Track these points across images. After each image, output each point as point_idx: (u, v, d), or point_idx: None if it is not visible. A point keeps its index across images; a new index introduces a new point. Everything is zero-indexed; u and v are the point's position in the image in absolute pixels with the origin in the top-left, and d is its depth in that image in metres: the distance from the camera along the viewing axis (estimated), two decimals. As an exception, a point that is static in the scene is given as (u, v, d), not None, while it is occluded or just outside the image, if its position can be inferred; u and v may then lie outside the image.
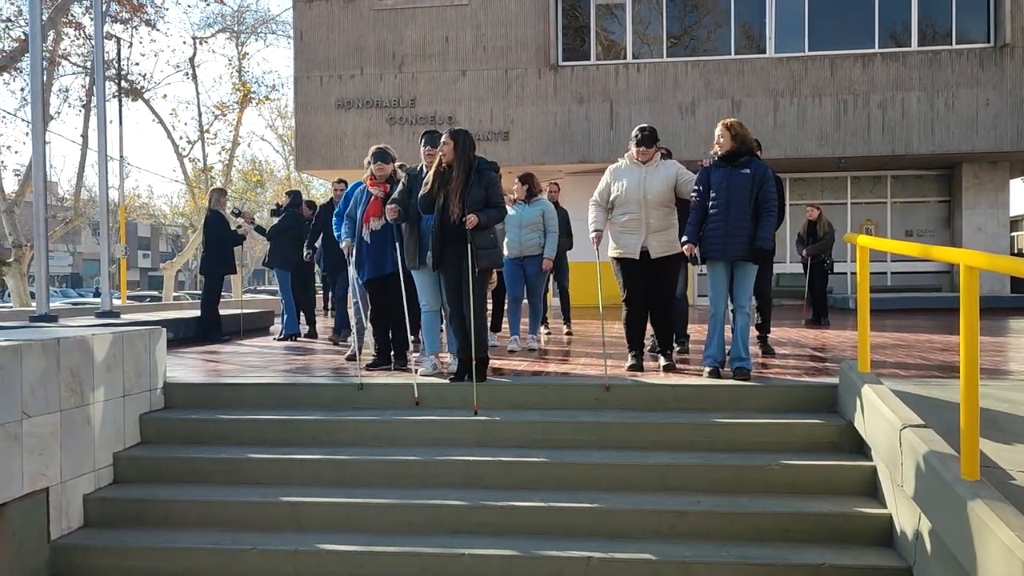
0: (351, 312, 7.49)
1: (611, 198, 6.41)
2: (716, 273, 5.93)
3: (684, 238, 5.95)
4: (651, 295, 6.39)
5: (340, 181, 9.74)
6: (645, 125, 6.42)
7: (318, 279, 13.67)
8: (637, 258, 6.29)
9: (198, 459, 5.34)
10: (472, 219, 5.78)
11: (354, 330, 7.37)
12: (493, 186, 5.98)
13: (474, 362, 5.81)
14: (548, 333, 9.86)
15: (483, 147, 16.44)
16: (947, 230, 18.20)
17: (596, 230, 6.38)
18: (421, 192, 6.02)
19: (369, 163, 7.60)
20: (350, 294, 7.56)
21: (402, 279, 6.52)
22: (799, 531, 4.50)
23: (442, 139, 6.00)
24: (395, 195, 6.36)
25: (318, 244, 10.04)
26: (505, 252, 8.28)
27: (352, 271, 7.24)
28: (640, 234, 6.28)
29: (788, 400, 5.55)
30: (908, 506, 4.14)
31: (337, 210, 7.66)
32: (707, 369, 5.90)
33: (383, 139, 16.54)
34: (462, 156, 5.90)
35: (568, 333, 9.85)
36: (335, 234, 7.64)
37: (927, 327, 11.19)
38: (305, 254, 9.97)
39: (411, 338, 7.92)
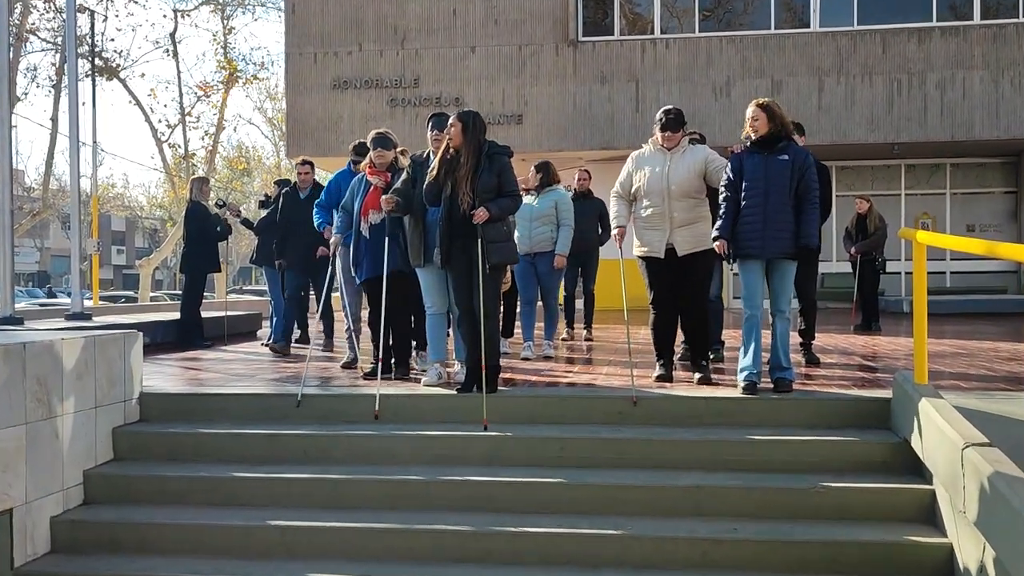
0: (343, 314, 7.49)
1: (633, 189, 6.36)
2: (751, 273, 5.84)
3: (715, 233, 5.88)
4: (680, 297, 6.31)
5: (305, 163, 9.72)
6: (670, 107, 6.35)
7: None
8: (662, 256, 6.22)
9: (177, 478, 5.34)
10: (481, 213, 5.77)
11: (348, 335, 7.38)
12: (506, 172, 5.97)
13: (484, 371, 5.79)
14: (569, 339, 9.82)
15: (493, 131, 16.40)
16: (1014, 224, 18.07)
17: (618, 226, 6.34)
18: (426, 181, 6.01)
19: (353, 149, 7.61)
20: (340, 295, 7.54)
21: (382, 279, 6.51)
22: (847, 562, 4.45)
23: (449, 122, 5.99)
24: (397, 184, 6.35)
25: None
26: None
27: (339, 268, 7.23)
28: (664, 229, 6.20)
29: (835, 415, 5.50)
30: (971, 535, 4.09)
31: (319, 200, 7.67)
32: (742, 384, 5.76)
33: (383, 123, 16.55)
34: (472, 140, 5.89)
35: (588, 339, 9.82)
36: (316, 223, 7.65)
37: (991, 333, 11.11)
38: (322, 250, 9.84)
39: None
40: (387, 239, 6.43)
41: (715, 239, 5.87)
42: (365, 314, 7.55)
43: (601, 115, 16.69)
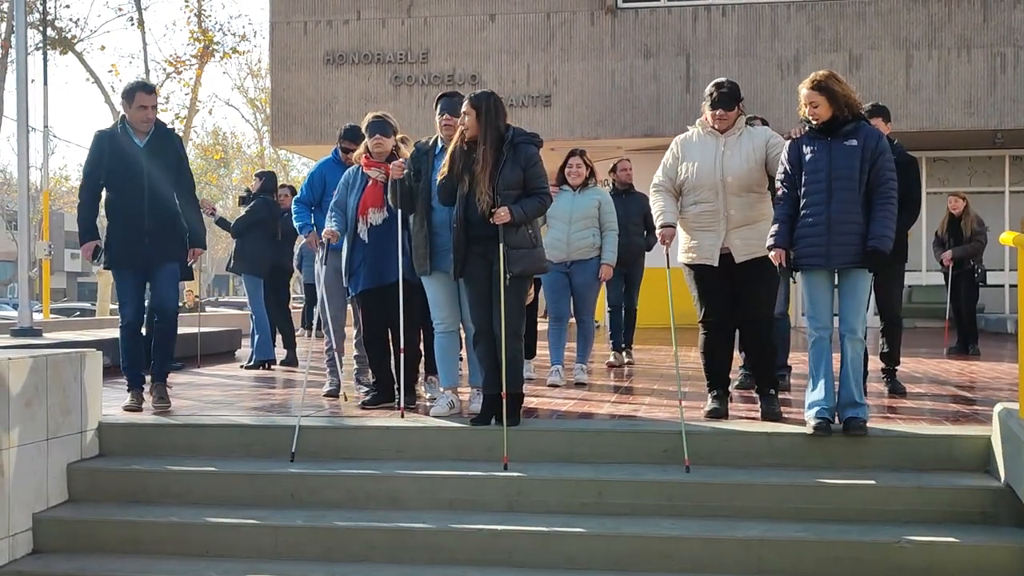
0: (326, 331, 7.53)
1: (679, 181, 6.24)
2: (817, 287, 5.76)
3: (770, 241, 5.79)
4: (741, 314, 6.21)
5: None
6: (722, 79, 6.26)
7: (300, 287, 13.77)
8: (716, 263, 6.10)
9: (141, 523, 5.38)
10: (502, 214, 5.80)
11: (329, 357, 7.40)
12: (533, 165, 5.99)
13: (504, 399, 5.82)
14: (618, 364, 9.80)
15: (516, 116, 16.48)
16: None
17: (665, 225, 6.15)
18: (439, 178, 6.04)
19: (342, 134, 7.65)
20: (322, 309, 7.57)
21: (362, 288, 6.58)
22: (938, 631, 4.45)
23: (461, 107, 6.03)
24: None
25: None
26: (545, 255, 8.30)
27: (320, 274, 7.27)
28: (718, 231, 6.08)
29: (923, 455, 5.48)
30: (1086, 600, 4.07)
31: (299, 196, 7.72)
32: (812, 423, 5.63)
33: (385, 104, 16.64)
34: (489, 127, 5.92)
35: (628, 362, 9.82)
36: (296, 225, 7.70)
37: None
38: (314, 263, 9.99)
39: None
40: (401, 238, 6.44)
41: (770, 248, 5.79)
42: (349, 332, 7.60)
43: (644, 96, 16.70)
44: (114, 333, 11.71)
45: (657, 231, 6.22)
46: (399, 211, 6.43)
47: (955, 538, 4.83)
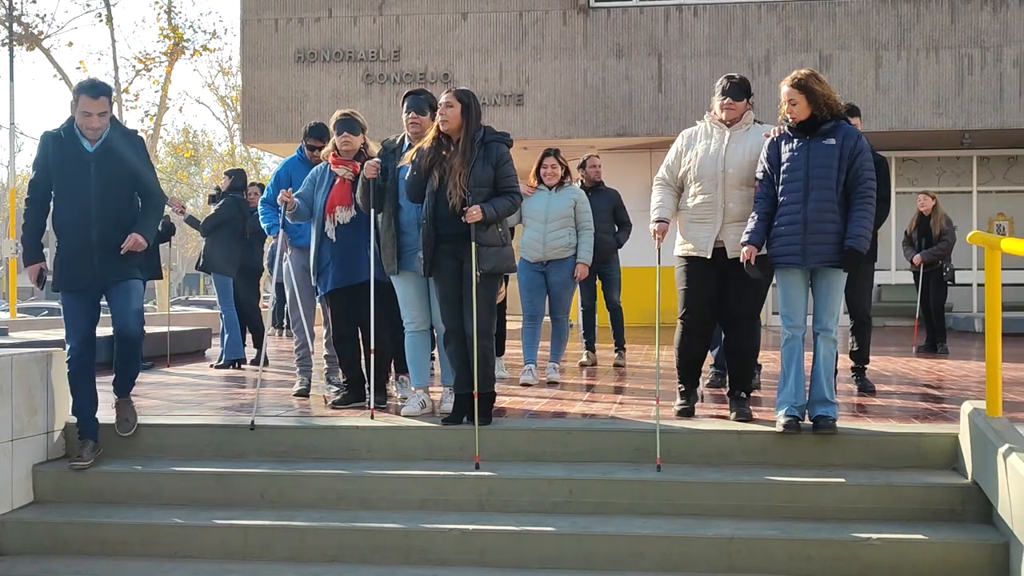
0: (296, 330, 7.50)
1: (680, 173, 6.16)
2: (792, 285, 5.79)
3: (745, 237, 5.77)
4: (725, 311, 6.15)
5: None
6: (735, 74, 6.24)
7: (271, 287, 13.71)
8: (708, 256, 6.04)
9: (108, 524, 5.34)
10: (474, 212, 5.79)
11: (299, 356, 7.38)
12: (504, 164, 5.99)
13: (476, 399, 5.81)
14: (591, 364, 9.75)
15: (488, 114, 16.46)
16: (1106, 228, 18.14)
17: (658, 219, 6.07)
18: (409, 174, 6.03)
19: (307, 132, 7.61)
20: (295, 308, 7.54)
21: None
22: (907, 629, 4.48)
23: (443, 100, 5.98)
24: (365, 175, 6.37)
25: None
26: (521, 254, 8.29)
27: (286, 274, 7.24)
28: (714, 223, 6.01)
29: (892, 454, 5.52)
30: (1053, 597, 4.11)
31: (265, 196, 7.68)
32: (782, 420, 5.65)
33: (357, 102, 16.61)
34: (469, 123, 5.94)
35: (618, 365, 9.74)
36: (264, 225, 7.67)
37: (1079, 357, 11.14)
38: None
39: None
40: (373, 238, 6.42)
41: (743, 243, 5.77)
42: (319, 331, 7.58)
43: (616, 96, 16.74)
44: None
45: (651, 224, 6.14)
46: (371, 210, 6.40)
47: (924, 535, 4.86)
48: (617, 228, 9.53)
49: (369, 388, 6.64)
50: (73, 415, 5.99)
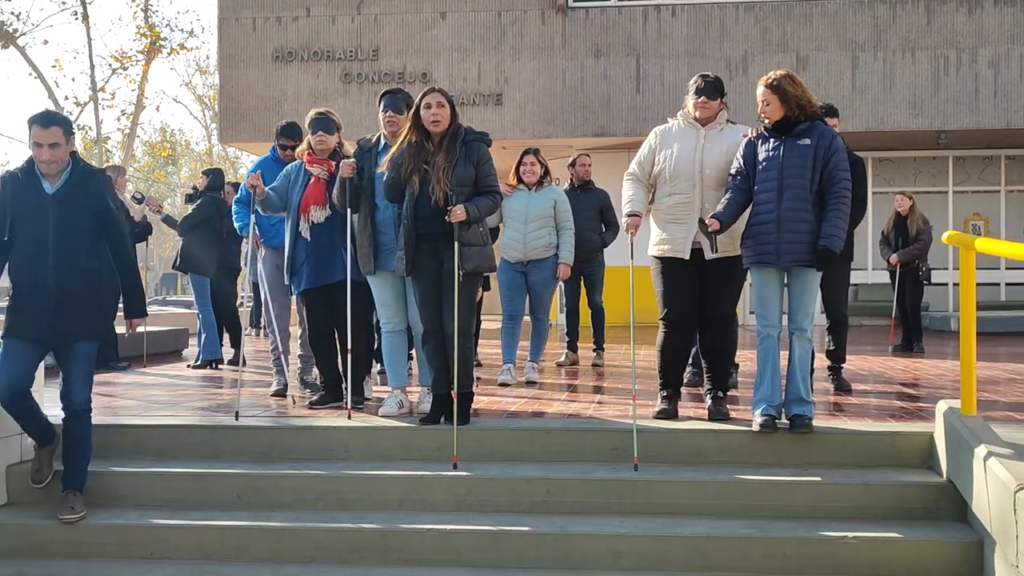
0: (271, 330, 7.49)
1: (654, 172, 6.15)
2: (766, 284, 5.80)
3: (716, 213, 5.77)
4: (704, 312, 6.15)
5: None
6: (708, 72, 6.26)
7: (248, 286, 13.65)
8: (686, 257, 6.05)
9: (83, 525, 5.31)
10: (459, 212, 5.78)
11: (275, 356, 7.36)
12: (485, 163, 6.00)
13: (456, 398, 5.81)
14: (571, 364, 9.74)
15: (467, 114, 16.47)
16: (1079, 228, 18.29)
17: (631, 213, 6.05)
18: (388, 175, 6.01)
19: (279, 131, 7.60)
20: (266, 308, 7.52)
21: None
22: (882, 626, 4.50)
23: (432, 100, 5.91)
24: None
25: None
26: (502, 255, 8.29)
27: (260, 274, 7.23)
28: (691, 224, 6.00)
29: (868, 453, 5.55)
30: (1026, 594, 4.14)
31: (238, 196, 7.66)
32: (759, 420, 5.66)
33: (335, 101, 16.57)
34: (455, 120, 5.96)
35: (596, 365, 9.75)
36: (236, 225, 7.66)
37: (1053, 356, 11.23)
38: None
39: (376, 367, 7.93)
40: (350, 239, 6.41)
41: (712, 216, 5.74)
42: (294, 331, 7.57)
43: (595, 96, 16.76)
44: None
45: (623, 219, 6.12)
46: (347, 210, 6.39)
47: (899, 534, 4.89)
48: (604, 228, 9.53)
49: (346, 388, 6.63)
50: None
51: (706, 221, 5.71)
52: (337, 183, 6.38)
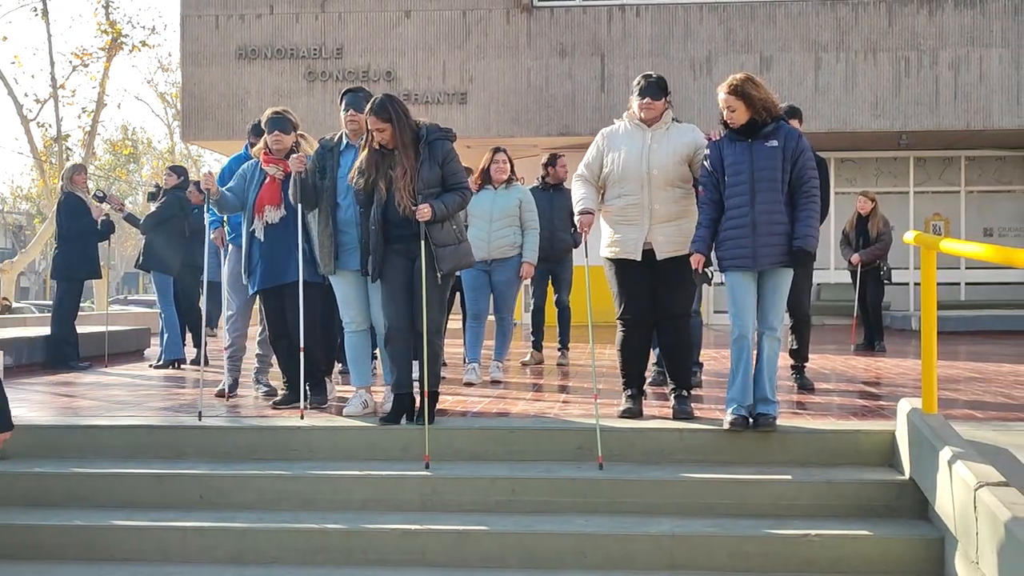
0: (225, 330, 7.44)
1: (603, 173, 6.18)
2: (741, 287, 5.78)
3: (692, 247, 5.80)
4: (659, 311, 6.17)
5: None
6: (651, 72, 6.27)
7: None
8: (638, 258, 6.07)
9: (44, 527, 5.26)
10: (425, 211, 5.72)
11: (228, 354, 7.29)
12: (450, 161, 5.96)
13: (426, 397, 5.76)
14: (535, 363, 9.73)
15: (432, 113, 16.43)
16: (1037, 228, 18.51)
17: (584, 211, 6.08)
18: (355, 184, 5.95)
19: (251, 130, 7.55)
20: (227, 308, 7.47)
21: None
22: (844, 623, 4.53)
23: (368, 121, 5.85)
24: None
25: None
26: None
27: (224, 272, 7.18)
28: (642, 225, 6.03)
29: (831, 451, 5.58)
30: (986, 590, 4.18)
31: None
32: (729, 418, 5.68)
33: (298, 100, 16.48)
34: (404, 131, 5.85)
35: (561, 364, 9.73)
36: (207, 220, 7.60)
37: (1011, 355, 11.36)
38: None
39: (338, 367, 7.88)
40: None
41: (692, 251, 5.79)
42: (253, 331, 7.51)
43: (560, 95, 16.77)
44: (19, 332, 11.43)
45: (576, 217, 6.16)
46: (298, 208, 6.35)
47: (862, 531, 4.92)
48: (575, 228, 9.50)
49: (290, 387, 6.58)
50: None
51: (693, 267, 5.76)
52: (291, 179, 6.33)
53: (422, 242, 5.80)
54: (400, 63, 17.02)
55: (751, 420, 5.72)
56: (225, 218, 7.31)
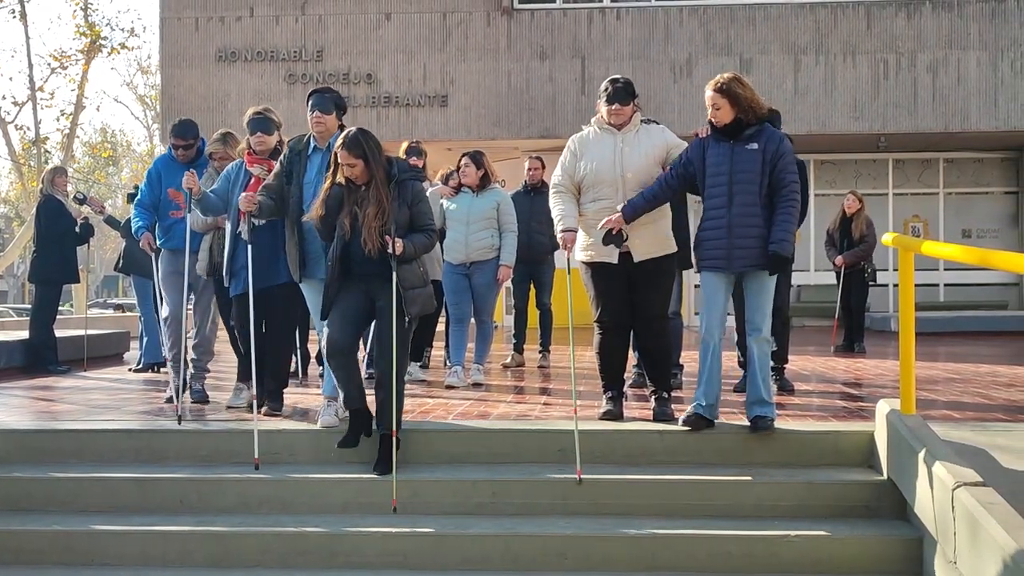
0: (165, 335, 7.40)
1: (578, 178, 6.17)
2: (714, 288, 5.79)
3: (624, 207, 5.80)
4: (637, 314, 6.17)
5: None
6: (617, 76, 6.24)
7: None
8: (615, 262, 6.06)
9: (23, 532, 5.24)
10: (399, 244, 5.53)
11: (171, 358, 7.23)
12: (420, 202, 5.79)
13: (395, 437, 5.53)
14: (516, 365, 9.72)
15: (413, 115, 16.45)
16: (1015, 229, 18.63)
17: (565, 229, 6.09)
18: (315, 217, 5.74)
19: (171, 132, 7.53)
20: (163, 312, 7.44)
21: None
22: (824, 623, 4.56)
23: (340, 155, 5.63)
24: (268, 179, 6.22)
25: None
26: (445, 257, 8.26)
27: (160, 272, 7.16)
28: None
29: (811, 452, 5.61)
30: (964, 589, 4.21)
31: (140, 197, 7.56)
32: (683, 415, 5.72)
33: (278, 102, 16.41)
34: (378, 167, 5.64)
35: (542, 366, 9.73)
36: (134, 226, 7.58)
37: (989, 356, 11.43)
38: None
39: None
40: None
41: (614, 218, 5.80)
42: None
43: (540, 97, 16.79)
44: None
45: (558, 236, 6.16)
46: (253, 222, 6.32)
47: (841, 531, 4.96)
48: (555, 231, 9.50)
49: (248, 389, 6.62)
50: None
51: (601, 226, 5.80)
52: (243, 218, 6.24)
53: (393, 284, 5.57)
54: (381, 65, 17.00)
55: (711, 420, 5.74)
56: (156, 222, 7.27)
